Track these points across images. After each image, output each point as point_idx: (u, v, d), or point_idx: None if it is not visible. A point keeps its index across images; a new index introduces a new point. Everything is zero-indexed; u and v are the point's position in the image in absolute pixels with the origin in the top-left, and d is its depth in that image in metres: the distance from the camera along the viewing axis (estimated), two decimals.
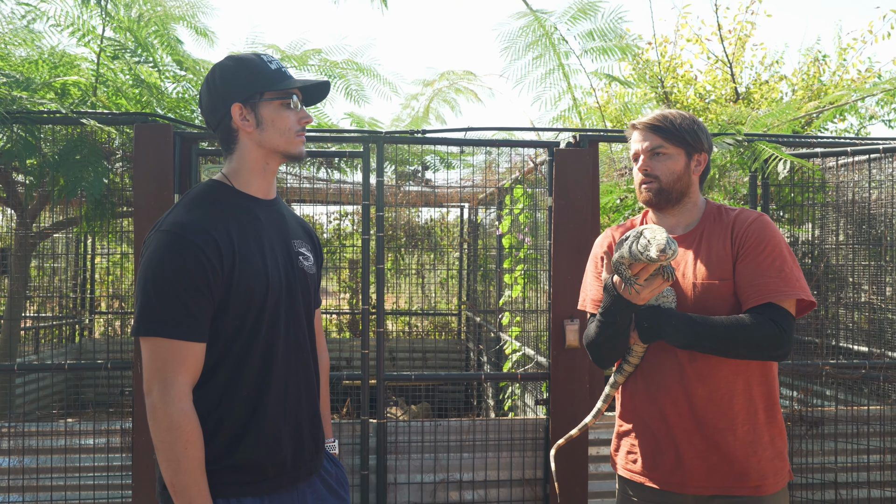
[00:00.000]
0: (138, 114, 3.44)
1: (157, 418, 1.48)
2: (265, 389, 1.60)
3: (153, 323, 1.49)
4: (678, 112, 1.97)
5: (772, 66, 8.64)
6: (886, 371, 3.76)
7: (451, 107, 5.63)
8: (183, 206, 1.59)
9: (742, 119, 4.64)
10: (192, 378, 1.52)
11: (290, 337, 1.66)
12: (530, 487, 3.43)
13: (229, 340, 1.56)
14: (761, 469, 1.81)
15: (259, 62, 1.65)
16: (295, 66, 4.50)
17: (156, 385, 1.49)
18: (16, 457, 3.21)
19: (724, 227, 1.89)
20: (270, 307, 1.60)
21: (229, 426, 1.56)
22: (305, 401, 1.70)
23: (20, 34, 3.82)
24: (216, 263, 1.52)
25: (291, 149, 1.67)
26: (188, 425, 1.48)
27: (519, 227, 4.46)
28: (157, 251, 1.51)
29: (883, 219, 4.12)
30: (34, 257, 4.98)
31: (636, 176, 1.97)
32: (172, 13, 4.18)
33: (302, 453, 1.67)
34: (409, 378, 3.51)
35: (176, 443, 1.47)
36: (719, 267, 1.83)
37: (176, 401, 1.48)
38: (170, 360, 1.49)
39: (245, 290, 1.56)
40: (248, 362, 1.58)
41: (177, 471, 1.48)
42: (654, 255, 1.61)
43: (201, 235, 1.52)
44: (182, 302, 1.49)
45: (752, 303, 1.77)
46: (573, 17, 4.66)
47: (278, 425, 1.61)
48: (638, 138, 1.96)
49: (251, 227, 1.63)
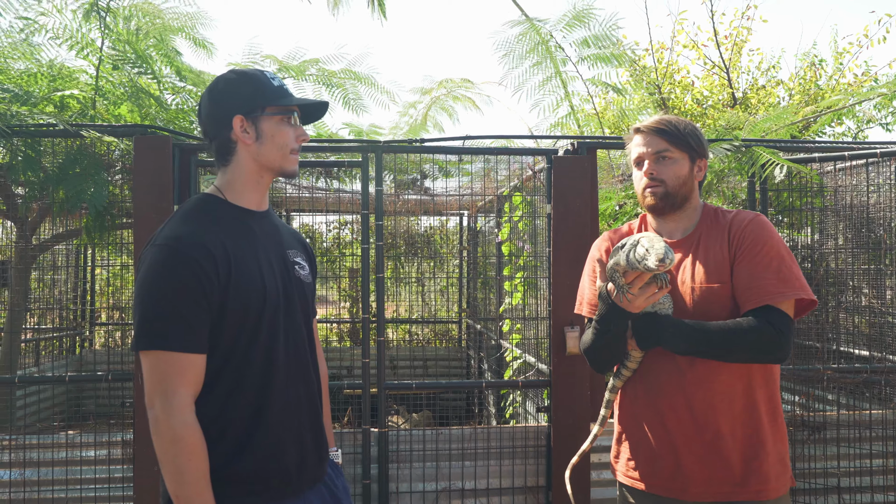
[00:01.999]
0: (137, 126, 3.46)
1: (160, 431, 1.48)
2: (266, 398, 1.60)
3: (152, 337, 1.50)
4: (678, 118, 1.97)
5: (768, 71, 8.68)
6: (888, 375, 3.76)
7: (449, 115, 5.65)
8: (177, 220, 1.60)
9: (739, 124, 4.66)
10: (193, 390, 1.52)
11: (289, 345, 1.66)
12: (532, 495, 3.42)
13: (229, 350, 1.57)
14: (763, 474, 1.79)
15: (262, 77, 1.67)
16: (293, 76, 4.52)
17: (158, 398, 1.49)
18: (17, 469, 3.20)
19: (721, 230, 1.89)
20: (269, 316, 1.61)
21: (232, 436, 1.57)
22: (307, 409, 1.70)
23: (19, 48, 3.84)
24: (212, 274, 1.53)
25: (286, 165, 1.69)
26: (191, 437, 1.48)
27: (518, 235, 4.47)
28: (153, 266, 1.52)
29: (882, 222, 4.12)
30: (34, 269, 4.98)
31: (639, 180, 1.95)
32: (171, 25, 4.21)
33: (305, 462, 1.67)
34: (411, 386, 3.51)
35: (179, 455, 1.47)
36: (717, 270, 1.83)
37: (178, 413, 1.48)
38: (170, 373, 1.49)
39: (242, 300, 1.57)
40: (249, 371, 1.58)
41: (181, 483, 1.48)
42: (652, 264, 1.60)
43: (196, 247, 1.53)
44: (180, 314, 1.50)
45: (750, 305, 1.77)
46: (568, 24, 4.69)
47: (281, 434, 1.62)
48: (642, 142, 1.94)
49: (245, 237, 1.64)
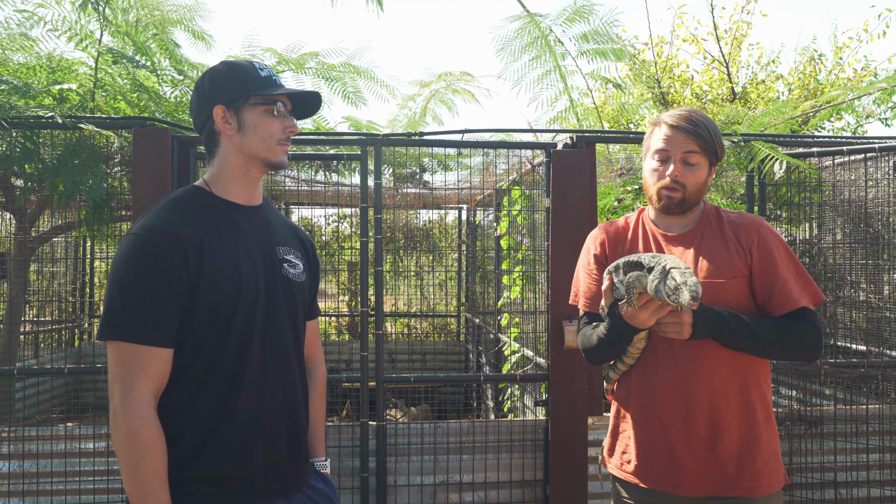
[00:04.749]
0: (136, 118, 3.45)
1: (116, 424, 1.45)
2: (234, 397, 1.55)
3: (115, 327, 1.47)
4: (705, 116, 1.90)
5: (768, 66, 8.67)
6: (885, 370, 3.77)
7: (448, 108, 5.64)
8: (156, 210, 1.58)
9: (739, 119, 4.66)
10: (154, 384, 1.48)
11: (266, 345, 1.60)
12: (530, 489, 3.44)
13: (197, 345, 1.52)
14: (755, 470, 1.81)
15: (250, 68, 1.64)
16: (293, 69, 4.51)
17: (117, 390, 1.46)
18: (16, 461, 3.21)
19: (724, 230, 1.90)
20: (243, 313, 1.56)
21: (193, 433, 1.52)
22: (284, 413, 1.63)
23: (18, 40, 3.83)
24: (180, 266, 1.49)
25: (272, 156, 1.64)
26: (147, 433, 1.44)
27: (517, 229, 4.47)
28: (123, 254, 1.50)
29: (880, 217, 4.13)
30: (33, 261, 4.98)
31: (657, 176, 1.88)
32: (170, 17, 4.19)
33: (276, 469, 1.60)
34: (409, 380, 3.52)
35: (134, 450, 1.44)
36: (721, 267, 1.84)
37: (135, 407, 1.44)
38: (131, 365, 1.46)
39: (214, 295, 1.52)
40: (217, 368, 1.54)
41: (134, 479, 1.44)
42: (685, 301, 1.55)
43: (166, 238, 1.50)
44: (144, 306, 1.47)
45: (785, 309, 1.82)
46: (568, 18, 4.68)
47: (248, 437, 1.56)
48: (671, 136, 1.86)
49: (226, 232, 1.60)
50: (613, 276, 1.77)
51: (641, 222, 2.00)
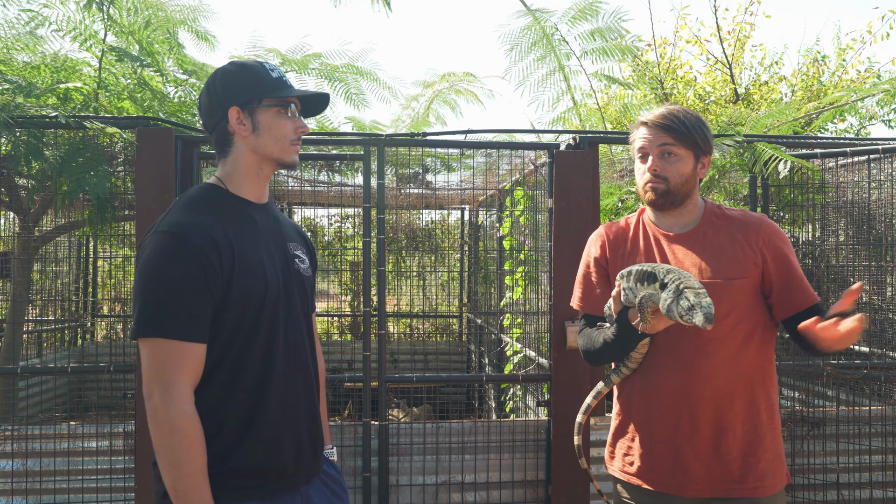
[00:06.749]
0: (140, 118, 3.46)
1: (159, 421, 1.45)
2: (265, 391, 1.58)
3: (153, 324, 1.47)
4: (686, 110, 1.93)
5: (771, 67, 8.66)
6: (888, 371, 3.77)
7: (451, 108, 5.64)
8: (180, 208, 1.59)
9: (742, 120, 4.66)
10: (193, 380, 1.49)
11: (288, 339, 1.64)
12: (532, 489, 3.44)
13: (228, 341, 1.54)
14: (759, 471, 1.80)
15: (261, 69, 1.66)
16: (296, 70, 4.51)
17: (156, 388, 1.46)
18: (19, 460, 3.22)
19: (728, 228, 1.90)
20: (269, 308, 1.58)
21: (229, 429, 1.54)
22: (305, 404, 1.68)
23: (22, 39, 3.84)
24: (215, 263, 1.51)
25: (285, 157, 1.66)
26: (190, 428, 1.46)
27: (519, 229, 4.47)
28: (156, 252, 1.50)
29: (883, 219, 4.12)
30: (36, 261, 4.99)
31: (641, 174, 1.92)
32: (174, 17, 4.20)
33: (302, 457, 1.65)
34: (411, 380, 3.52)
35: (178, 446, 1.44)
36: (727, 266, 1.83)
37: (178, 403, 1.45)
38: (170, 362, 1.47)
39: (245, 291, 1.55)
40: (248, 364, 1.56)
41: (178, 475, 1.45)
42: (699, 322, 1.55)
43: (200, 236, 1.51)
44: (181, 302, 1.47)
45: (805, 305, 1.84)
46: (573, 17, 4.68)
47: (279, 428, 1.60)
48: (647, 135, 1.90)
49: (247, 228, 1.63)
50: (623, 283, 1.77)
51: (642, 223, 1.99)
